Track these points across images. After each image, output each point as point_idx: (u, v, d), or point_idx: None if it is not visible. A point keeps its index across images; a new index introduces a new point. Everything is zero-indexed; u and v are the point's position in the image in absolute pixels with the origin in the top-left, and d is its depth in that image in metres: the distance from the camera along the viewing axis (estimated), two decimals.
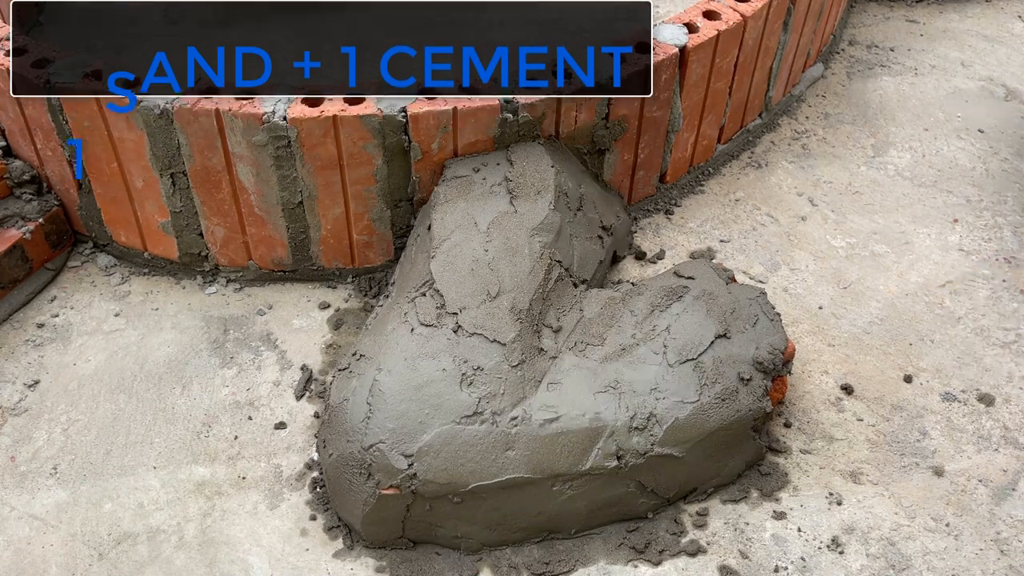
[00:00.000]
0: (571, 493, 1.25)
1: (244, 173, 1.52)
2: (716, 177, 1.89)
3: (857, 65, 2.23)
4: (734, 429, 1.29)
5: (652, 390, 1.29)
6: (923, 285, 1.67)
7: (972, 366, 1.53)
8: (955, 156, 1.97)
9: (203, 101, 1.45)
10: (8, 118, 1.61)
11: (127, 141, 1.51)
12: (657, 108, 1.65)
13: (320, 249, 1.63)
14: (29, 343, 1.56)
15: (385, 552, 1.28)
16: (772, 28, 1.80)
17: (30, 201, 1.63)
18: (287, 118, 1.44)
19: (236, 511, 1.33)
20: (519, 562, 1.27)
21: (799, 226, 1.78)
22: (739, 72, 1.77)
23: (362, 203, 1.56)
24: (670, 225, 1.78)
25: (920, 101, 2.12)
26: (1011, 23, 2.41)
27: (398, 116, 1.46)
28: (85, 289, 1.66)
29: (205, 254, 1.65)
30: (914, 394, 1.48)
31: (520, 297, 1.36)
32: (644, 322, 1.38)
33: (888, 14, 2.43)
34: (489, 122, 1.50)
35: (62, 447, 1.41)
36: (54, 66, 1.51)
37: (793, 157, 1.95)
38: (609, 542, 1.29)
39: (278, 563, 1.27)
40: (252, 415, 1.45)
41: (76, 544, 1.29)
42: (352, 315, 1.60)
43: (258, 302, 1.64)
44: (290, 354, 1.54)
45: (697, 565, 1.26)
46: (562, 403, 1.27)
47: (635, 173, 1.73)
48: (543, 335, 1.36)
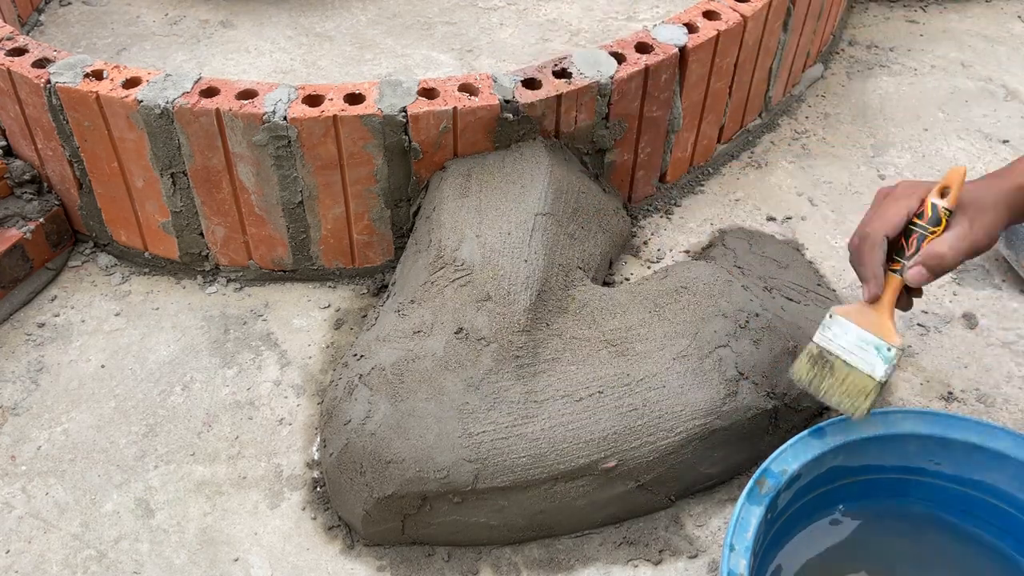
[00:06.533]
0: (571, 492, 1.25)
1: (244, 173, 1.52)
2: (716, 177, 1.90)
3: (857, 65, 2.23)
4: (735, 427, 1.30)
5: (652, 389, 1.29)
6: None
7: (972, 366, 1.53)
8: (955, 156, 1.97)
9: (203, 101, 1.45)
10: (8, 118, 1.61)
11: (127, 141, 1.51)
12: (657, 108, 1.65)
13: (320, 249, 1.63)
14: (30, 342, 1.56)
15: (385, 551, 1.28)
16: (772, 28, 1.80)
17: (31, 201, 1.63)
18: (287, 118, 1.44)
19: (236, 511, 1.33)
20: (519, 561, 1.27)
21: (799, 226, 1.78)
22: (739, 72, 1.78)
23: (362, 203, 1.56)
24: (670, 225, 1.78)
25: (920, 101, 2.12)
26: (1011, 23, 2.41)
27: (398, 116, 1.46)
28: (85, 289, 1.66)
29: (205, 254, 1.65)
30: (913, 394, 1.49)
31: (520, 297, 1.36)
32: (644, 321, 1.38)
33: (888, 14, 2.44)
34: (489, 122, 1.50)
35: (63, 446, 1.41)
36: (54, 66, 1.52)
37: (793, 157, 1.95)
38: (609, 542, 1.29)
39: (278, 563, 1.27)
40: (252, 415, 1.45)
41: (76, 544, 1.29)
42: (352, 315, 1.61)
43: (258, 302, 1.64)
44: (290, 354, 1.54)
45: (697, 565, 1.26)
46: (562, 402, 1.28)
47: (635, 173, 1.73)
48: (542, 335, 1.36)
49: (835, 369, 1.09)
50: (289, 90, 1.49)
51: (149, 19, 2.31)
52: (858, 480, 1.19)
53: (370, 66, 2.14)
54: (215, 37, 2.25)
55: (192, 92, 1.47)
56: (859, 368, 1.07)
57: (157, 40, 2.23)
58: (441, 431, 1.23)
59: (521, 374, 1.30)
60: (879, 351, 1.06)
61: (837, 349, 1.09)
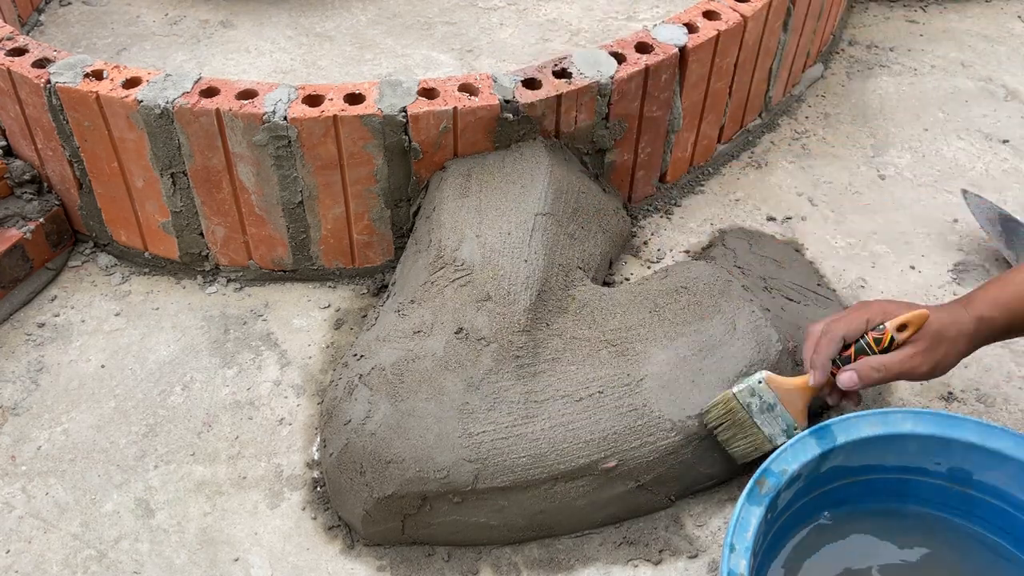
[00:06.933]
0: (571, 492, 1.25)
1: (244, 173, 1.52)
2: (716, 177, 1.90)
3: (857, 65, 2.23)
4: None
5: (652, 389, 1.29)
6: (923, 285, 1.67)
7: (972, 366, 1.53)
8: (955, 156, 1.97)
9: (203, 101, 1.45)
10: (8, 118, 1.61)
11: (127, 141, 1.51)
12: (657, 108, 1.65)
13: (320, 249, 1.63)
14: (30, 342, 1.56)
15: (385, 551, 1.28)
16: (772, 28, 1.80)
17: (31, 201, 1.63)
18: (287, 118, 1.44)
19: (236, 511, 1.33)
20: (519, 561, 1.27)
21: (799, 226, 1.78)
22: (739, 72, 1.78)
23: (362, 203, 1.56)
24: (670, 225, 1.78)
25: (920, 101, 2.12)
26: (1011, 23, 2.41)
27: (398, 116, 1.46)
28: (85, 289, 1.66)
29: (205, 254, 1.65)
30: (913, 394, 1.49)
31: (520, 297, 1.36)
32: (644, 321, 1.38)
33: (888, 14, 2.44)
34: (489, 122, 1.50)
35: (63, 446, 1.41)
36: (54, 66, 1.52)
37: (793, 157, 1.95)
38: (609, 542, 1.29)
39: (278, 562, 1.27)
40: (252, 415, 1.45)
41: (76, 544, 1.29)
42: (352, 315, 1.61)
43: (258, 302, 1.64)
44: (290, 354, 1.54)
45: (697, 565, 1.26)
46: (562, 402, 1.28)
47: (635, 173, 1.73)
48: (543, 335, 1.36)
49: (743, 425, 1.21)
50: (289, 90, 1.49)
51: (149, 19, 2.31)
52: (858, 480, 1.19)
53: (370, 66, 2.14)
54: (215, 37, 2.25)
55: (192, 92, 1.47)
56: (764, 432, 1.21)
57: (157, 40, 2.23)
58: (441, 431, 1.23)
59: (521, 374, 1.30)
60: (787, 428, 1.20)
61: (753, 409, 1.20)
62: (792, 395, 1.19)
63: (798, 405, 1.19)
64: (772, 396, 1.19)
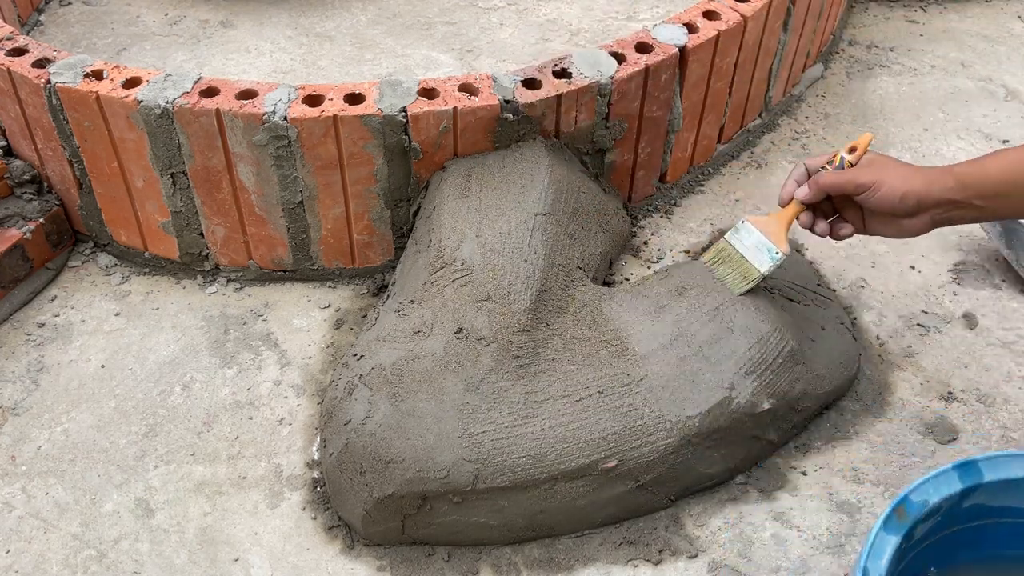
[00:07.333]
0: (571, 492, 1.25)
1: (244, 173, 1.52)
2: (716, 177, 1.90)
3: (857, 65, 2.23)
4: (734, 427, 1.30)
5: (652, 389, 1.29)
6: (923, 285, 1.67)
7: (972, 366, 1.53)
8: (955, 156, 1.97)
9: (203, 101, 1.45)
10: (8, 118, 1.61)
11: (127, 141, 1.51)
12: (657, 108, 1.65)
13: (320, 249, 1.63)
14: (30, 342, 1.56)
15: (385, 551, 1.28)
16: (772, 28, 1.80)
17: (31, 201, 1.63)
18: (287, 118, 1.44)
19: (236, 511, 1.33)
20: (519, 561, 1.27)
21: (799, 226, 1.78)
22: (739, 72, 1.78)
23: (362, 203, 1.56)
24: (670, 225, 1.78)
25: (920, 101, 2.12)
26: (1011, 23, 2.41)
27: (398, 116, 1.46)
28: (85, 289, 1.66)
29: (205, 254, 1.65)
30: (913, 394, 1.49)
31: (520, 297, 1.36)
32: (644, 321, 1.38)
33: (888, 14, 2.43)
34: (489, 122, 1.50)
35: (63, 446, 1.41)
36: (54, 66, 1.52)
37: (793, 157, 1.95)
38: (609, 542, 1.29)
39: (278, 562, 1.27)
40: (252, 415, 1.45)
41: (76, 544, 1.29)
42: (352, 315, 1.61)
43: (258, 302, 1.64)
44: (290, 354, 1.54)
45: (697, 565, 1.26)
46: (562, 402, 1.28)
47: (635, 173, 1.73)
48: (543, 335, 1.36)
49: (733, 259, 1.38)
50: (289, 90, 1.49)
51: (149, 19, 2.31)
52: (1001, 522, 1.12)
53: (370, 66, 2.14)
54: (215, 37, 2.25)
55: (192, 92, 1.47)
56: (751, 262, 1.36)
57: (157, 40, 2.23)
58: (441, 431, 1.23)
59: (521, 374, 1.30)
60: (769, 253, 1.34)
61: (740, 247, 1.37)
62: (771, 225, 1.34)
63: (780, 233, 1.33)
64: (755, 232, 1.35)
